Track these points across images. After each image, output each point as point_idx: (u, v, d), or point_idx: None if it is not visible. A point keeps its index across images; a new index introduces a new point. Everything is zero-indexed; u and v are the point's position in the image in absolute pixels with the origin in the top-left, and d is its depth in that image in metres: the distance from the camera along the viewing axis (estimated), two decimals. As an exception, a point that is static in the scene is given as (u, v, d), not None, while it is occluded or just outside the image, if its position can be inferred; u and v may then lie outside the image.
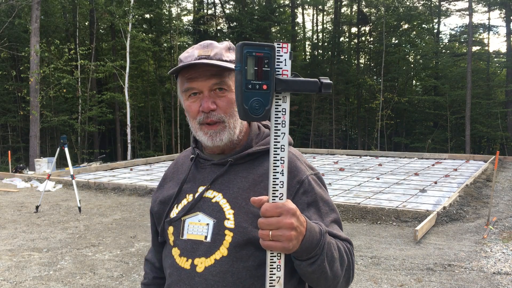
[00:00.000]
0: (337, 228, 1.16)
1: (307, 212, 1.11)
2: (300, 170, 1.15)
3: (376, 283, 4.12)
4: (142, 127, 25.64)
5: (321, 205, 1.15)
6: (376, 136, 24.58)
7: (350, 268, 1.15)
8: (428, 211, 6.54)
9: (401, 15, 24.56)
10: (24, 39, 19.07)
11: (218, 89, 1.14)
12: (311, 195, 1.14)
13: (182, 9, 25.15)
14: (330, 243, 1.05)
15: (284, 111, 0.99)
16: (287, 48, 0.98)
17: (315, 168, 1.23)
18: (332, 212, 1.16)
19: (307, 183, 1.14)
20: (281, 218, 0.93)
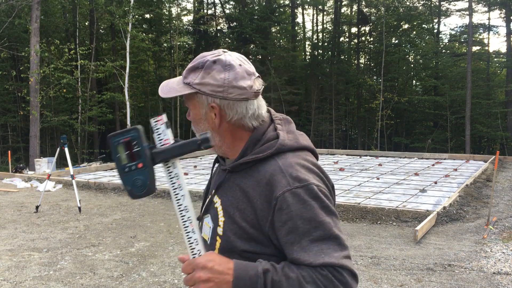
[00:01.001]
0: (318, 250, 1.04)
1: (280, 231, 1.06)
2: (277, 185, 1.07)
3: (376, 283, 4.12)
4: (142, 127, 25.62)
5: (299, 223, 1.05)
6: (376, 136, 24.58)
7: None
8: (428, 211, 6.54)
9: (401, 15, 24.56)
10: (24, 39, 19.07)
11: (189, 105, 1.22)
12: (285, 213, 1.06)
13: (182, 9, 25.13)
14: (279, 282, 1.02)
15: (177, 175, 1.08)
16: (162, 119, 1.07)
17: (309, 178, 1.09)
18: (317, 230, 1.05)
19: (281, 200, 1.06)
20: (194, 273, 1.01)
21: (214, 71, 1.13)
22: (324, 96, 26.13)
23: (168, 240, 5.58)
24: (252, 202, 1.10)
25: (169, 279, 4.26)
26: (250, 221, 1.10)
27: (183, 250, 5.10)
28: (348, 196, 7.98)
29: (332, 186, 1.19)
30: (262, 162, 1.13)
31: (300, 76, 26.95)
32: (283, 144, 1.14)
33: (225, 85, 1.12)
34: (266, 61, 23.60)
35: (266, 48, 23.10)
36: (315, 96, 24.86)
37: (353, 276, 1.05)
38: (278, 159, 1.12)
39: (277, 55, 24.78)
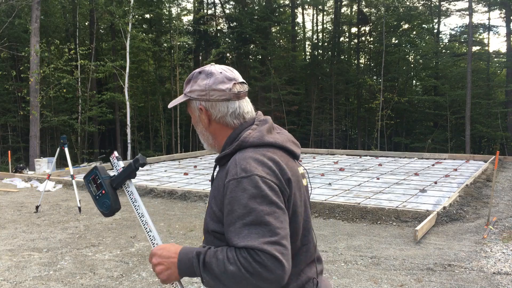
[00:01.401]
0: (246, 233, 1.20)
1: (224, 213, 1.27)
2: (229, 174, 1.29)
3: (376, 283, 4.12)
4: (142, 127, 25.65)
5: (236, 208, 1.23)
6: (376, 136, 24.58)
7: (245, 279, 1.19)
8: (428, 211, 6.54)
9: (401, 15, 24.55)
10: (24, 39, 19.07)
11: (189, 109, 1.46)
12: (228, 197, 1.26)
13: (182, 9, 25.13)
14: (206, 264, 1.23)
15: (132, 192, 1.49)
16: (114, 154, 1.54)
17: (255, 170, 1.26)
18: (249, 215, 1.20)
19: (227, 186, 1.27)
20: (150, 260, 1.36)
21: (199, 79, 1.40)
22: (324, 96, 26.14)
23: (168, 240, 5.58)
24: (220, 189, 1.32)
25: (169, 279, 4.26)
26: (218, 205, 1.32)
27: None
28: (348, 196, 7.98)
29: (289, 180, 1.31)
30: (228, 158, 1.35)
31: (300, 76, 26.96)
32: (245, 141, 1.34)
33: (207, 89, 1.38)
34: (266, 61, 23.61)
35: (266, 48, 23.10)
36: (315, 96, 24.87)
37: (274, 260, 1.17)
38: (238, 153, 1.33)
39: (277, 55, 24.78)
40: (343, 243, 5.39)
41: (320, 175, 10.57)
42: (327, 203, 7.16)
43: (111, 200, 1.47)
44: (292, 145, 1.44)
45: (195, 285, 4.13)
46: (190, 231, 5.94)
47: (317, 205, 7.10)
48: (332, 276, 4.30)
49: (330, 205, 7.04)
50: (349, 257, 4.87)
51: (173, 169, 12.24)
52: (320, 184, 9.32)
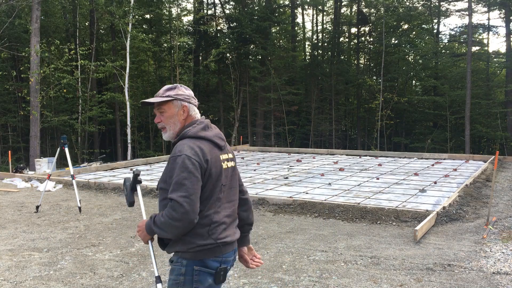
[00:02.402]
0: (172, 189, 2.00)
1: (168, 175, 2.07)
2: (171, 153, 2.09)
3: (376, 283, 4.13)
4: (142, 127, 25.65)
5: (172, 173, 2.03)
6: (375, 136, 24.59)
7: (167, 222, 2.00)
8: (427, 211, 6.55)
9: (400, 15, 24.55)
10: (25, 39, 19.07)
11: (160, 111, 2.21)
12: (169, 167, 2.07)
13: (182, 10, 25.14)
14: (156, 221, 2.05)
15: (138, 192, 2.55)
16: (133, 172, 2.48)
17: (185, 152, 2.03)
18: (175, 178, 2.00)
19: (169, 159, 2.08)
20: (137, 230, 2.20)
21: (182, 89, 2.23)
22: (324, 96, 26.14)
23: (168, 240, 5.59)
24: (168, 162, 2.10)
25: (169, 279, 4.28)
26: (165, 171, 2.11)
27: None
28: (348, 196, 7.99)
29: (207, 160, 2.06)
30: (177, 142, 2.13)
31: (300, 76, 26.96)
32: (185, 134, 2.14)
33: (190, 96, 2.23)
34: (266, 61, 23.61)
35: (266, 48, 23.11)
36: (315, 96, 24.87)
37: (179, 205, 1.95)
38: (179, 141, 2.11)
39: (277, 55, 24.78)
40: (343, 243, 5.40)
41: (320, 175, 10.59)
42: (327, 203, 7.17)
43: (131, 198, 2.43)
44: (217, 139, 2.18)
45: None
46: (190, 231, 5.95)
47: (317, 205, 7.11)
48: (332, 276, 4.31)
49: (330, 205, 7.06)
50: (349, 257, 4.88)
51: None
52: (320, 184, 9.33)
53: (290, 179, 10.04)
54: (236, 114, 24.42)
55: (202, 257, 2.06)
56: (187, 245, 2.04)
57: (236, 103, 24.47)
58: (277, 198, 7.58)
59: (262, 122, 24.63)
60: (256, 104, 25.02)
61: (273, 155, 15.66)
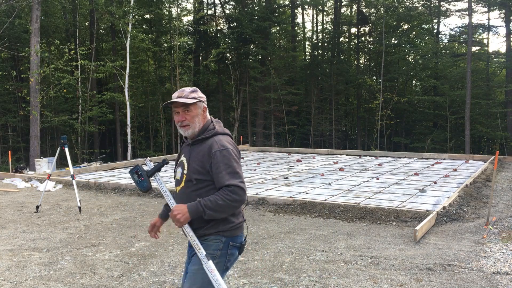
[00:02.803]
0: (229, 176, 2.32)
1: (213, 169, 2.36)
2: (213, 148, 2.39)
3: (375, 283, 4.13)
4: (142, 127, 25.65)
5: (221, 165, 2.34)
6: (375, 136, 24.59)
7: (227, 204, 2.31)
8: (427, 211, 6.55)
9: (400, 15, 24.55)
10: (25, 39, 19.07)
11: (186, 110, 2.47)
12: (217, 160, 2.36)
13: (182, 10, 25.13)
14: (207, 206, 2.29)
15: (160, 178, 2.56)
16: (147, 158, 2.74)
17: (228, 146, 2.41)
18: (228, 168, 2.34)
19: (214, 154, 2.37)
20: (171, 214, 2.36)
21: (199, 92, 2.56)
22: (324, 96, 26.14)
23: (168, 240, 5.59)
24: (202, 156, 2.41)
25: (169, 279, 4.27)
26: (201, 165, 2.40)
27: (183, 250, 5.11)
28: (348, 196, 7.99)
29: (239, 152, 2.49)
30: (208, 139, 2.46)
31: (300, 76, 26.97)
32: (217, 132, 2.49)
33: (205, 98, 2.57)
34: (266, 61, 23.61)
35: (266, 48, 23.11)
36: (315, 96, 24.87)
37: (240, 189, 2.32)
38: (214, 137, 2.46)
39: (277, 55, 24.78)
40: (343, 243, 5.40)
41: (320, 175, 10.59)
42: (327, 203, 7.17)
43: (147, 183, 2.51)
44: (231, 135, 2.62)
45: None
46: (190, 231, 5.95)
47: (317, 205, 7.11)
48: (332, 276, 4.31)
49: (330, 205, 7.06)
50: (349, 257, 4.88)
51: (173, 169, 12.23)
52: (320, 184, 9.33)
53: (290, 179, 10.04)
54: (236, 114, 24.42)
55: (237, 234, 2.46)
56: (229, 224, 2.41)
57: (236, 103, 24.48)
58: (277, 198, 7.58)
59: (262, 122, 24.63)
60: (256, 104, 25.03)
61: (273, 155, 15.66)
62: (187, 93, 2.47)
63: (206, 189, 2.37)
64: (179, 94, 2.48)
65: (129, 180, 10.18)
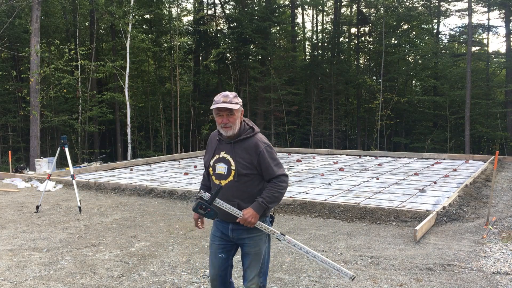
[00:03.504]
0: (277, 168, 2.82)
1: (261, 164, 2.79)
2: (259, 146, 2.81)
3: (375, 283, 4.14)
4: (142, 127, 25.66)
5: (269, 159, 2.80)
6: (375, 136, 24.60)
7: (281, 193, 2.81)
8: (427, 211, 6.55)
9: (400, 16, 24.56)
10: (25, 39, 19.08)
11: (230, 114, 2.80)
12: (265, 155, 2.80)
13: (182, 10, 25.15)
14: (268, 201, 2.76)
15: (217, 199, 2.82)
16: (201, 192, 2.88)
17: (269, 143, 2.87)
18: (275, 161, 2.83)
19: (261, 151, 2.81)
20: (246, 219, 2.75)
21: (239, 98, 2.85)
22: (324, 96, 26.14)
23: (168, 240, 5.60)
24: (248, 153, 2.81)
25: (169, 279, 4.28)
26: (249, 161, 2.80)
27: (183, 250, 5.11)
28: (348, 196, 8.00)
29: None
30: (250, 138, 2.85)
31: (300, 76, 26.97)
32: (257, 131, 2.89)
33: (241, 102, 2.89)
34: (266, 61, 23.62)
35: (266, 49, 23.11)
36: (315, 96, 24.87)
37: (287, 177, 2.84)
38: (256, 136, 2.87)
39: (277, 55, 24.79)
40: (343, 243, 5.41)
41: (320, 175, 10.59)
42: (327, 203, 7.17)
43: (213, 211, 2.83)
44: None
45: (195, 284, 4.15)
46: (190, 231, 5.96)
47: (317, 205, 7.12)
48: (332, 276, 4.31)
49: (330, 205, 7.06)
50: (348, 257, 4.88)
51: (173, 169, 12.25)
52: (320, 184, 9.33)
53: (290, 179, 10.04)
54: (236, 114, 24.38)
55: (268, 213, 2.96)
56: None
57: (236, 103, 24.43)
58: (277, 198, 7.57)
59: (262, 122, 24.64)
60: (256, 104, 25.04)
61: (273, 155, 15.64)
62: (231, 99, 2.79)
63: (253, 182, 2.82)
64: (224, 99, 2.78)
65: (129, 180, 10.19)
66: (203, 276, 4.32)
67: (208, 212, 2.81)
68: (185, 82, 25.80)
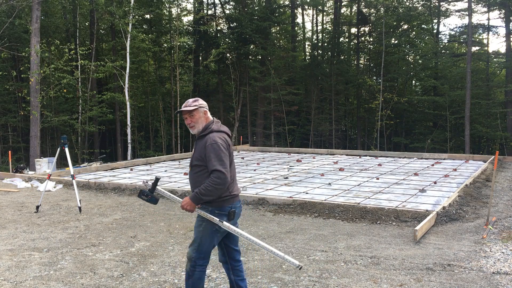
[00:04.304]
0: (216, 163, 3.14)
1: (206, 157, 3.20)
2: (207, 142, 3.22)
3: (375, 283, 4.14)
4: (142, 127, 25.66)
5: (212, 154, 3.16)
6: (375, 136, 24.60)
7: (214, 187, 3.13)
8: (427, 211, 6.55)
9: (400, 16, 24.56)
10: (25, 39, 19.07)
11: (191, 115, 3.34)
12: (208, 150, 3.19)
13: (182, 10, 25.15)
14: (201, 193, 3.16)
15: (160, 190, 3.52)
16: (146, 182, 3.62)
17: (217, 141, 3.22)
18: (216, 156, 3.15)
19: (207, 146, 3.20)
20: (181, 205, 3.30)
21: (200, 101, 3.39)
22: (324, 96, 26.15)
23: (168, 240, 5.60)
24: (202, 148, 3.25)
25: (169, 279, 4.28)
26: (200, 154, 3.26)
27: (183, 250, 5.12)
28: (348, 196, 8.00)
29: (228, 145, 3.30)
30: (206, 135, 3.29)
31: (300, 76, 26.98)
32: (212, 130, 3.30)
33: (205, 104, 3.41)
34: (266, 61, 23.62)
35: (266, 49, 23.11)
36: (315, 96, 24.87)
37: (222, 173, 3.12)
38: (209, 134, 3.28)
39: (277, 55, 24.79)
40: (343, 243, 5.41)
41: (320, 175, 10.59)
42: (326, 203, 7.17)
43: (154, 197, 3.46)
44: (228, 131, 3.41)
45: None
46: (190, 231, 5.96)
47: (317, 205, 7.12)
48: (331, 276, 4.31)
49: (330, 205, 7.06)
50: (348, 257, 4.88)
51: (173, 169, 12.25)
52: (320, 184, 9.34)
53: (290, 179, 10.04)
54: (236, 114, 24.43)
55: (222, 205, 3.29)
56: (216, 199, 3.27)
57: (236, 103, 24.48)
58: (277, 198, 7.59)
59: (262, 122, 24.64)
60: (256, 104, 25.04)
61: (273, 155, 15.67)
62: (190, 103, 3.35)
63: (202, 172, 3.25)
64: (184, 105, 3.35)
65: (129, 180, 10.19)
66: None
67: (149, 198, 3.42)
68: (185, 82, 25.81)
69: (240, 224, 6.34)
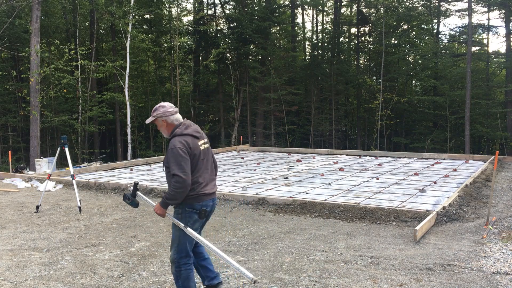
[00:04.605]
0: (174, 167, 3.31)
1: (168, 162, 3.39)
2: (168, 147, 3.39)
3: (375, 283, 4.14)
4: (142, 127, 25.66)
5: (171, 159, 3.34)
6: (375, 136, 24.60)
7: (176, 192, 3.32)
8: (427, 211, 6.55)
9: (400, 16, 24.56)
10: (25, 39, 19.07)
11: (156, 123, 3.64)
12: (168, 156, 3.39)
13: (182, 10, 25.15)
14: (167, 198, 3.37)
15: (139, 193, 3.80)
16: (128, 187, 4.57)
17: (177, 145, 3.35)
18: (174, 161, 3.32)
19: (167, 152, 3.39)
20: (154, 210, 3.52)
21: (160, 109, 3.58)
22: (324, 96, 26.14)
23: (168, 240, 5.59)
24: (167, 152, 3.40)
25: (169, 279, 4.28)
26: (166, 158, 3.41)
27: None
28: (348, 196, 7.99)
29: (190, 147, 3.40)
30: (171, 139, 3.46)
31: (300, 76, 26.98)
32: (175, 134, 3.48)
33: (165, 112, 3.57)
34: (266, 61, 23.62)
35: (266, 49, 23.11)
36: (315, 96, 24.87)
37: (180, 178, 3.29)
38: (172, 139, 3.45)
39: (277, 55, 24.79)
40: (343, 243, 5.41)
41: (320, 175, 10.59)
42: (326, 203, 7.17)
43: (135, 201, 3.73)
44: (195, 133, 3.49)
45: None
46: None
47: (317, 205, 7.12)
48: (331, 276, 4.31)
49: (329, 205, 7.06)
50: (348, 257, 4.88)
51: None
52: (320, 184, 9.34)
53: (290, 179, 10.04)
54: (236, 114, 24.43)
55: (192, 202, 3.44)
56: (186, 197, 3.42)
57: (236, 103, 24.48)
58: (277, 198, 7.59)
59: (262, 122, 24.64)
60: (256, 104, 25.03)
61: (273, 155, 15.67)
62: (152, 113, 3.61)
63: (170, 174, 3.38)
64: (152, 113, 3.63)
65: (129, 180, 10.19)
66: (203, 276, 4.32)
67: (131, 202, 3.69)
68: (185, 82, 25.80)
69: (241, 224, 6.35)
